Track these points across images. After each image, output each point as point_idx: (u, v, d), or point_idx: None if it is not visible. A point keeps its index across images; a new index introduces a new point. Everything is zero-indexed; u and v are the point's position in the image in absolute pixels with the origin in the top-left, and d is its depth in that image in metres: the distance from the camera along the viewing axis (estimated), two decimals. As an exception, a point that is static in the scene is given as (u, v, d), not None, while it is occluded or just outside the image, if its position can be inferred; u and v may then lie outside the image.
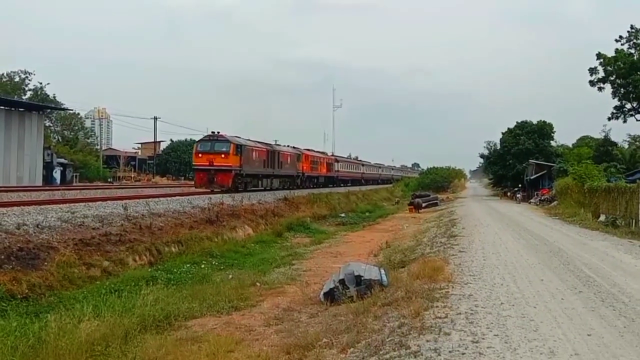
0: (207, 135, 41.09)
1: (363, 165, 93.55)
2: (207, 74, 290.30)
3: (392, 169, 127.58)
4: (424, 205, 50.99)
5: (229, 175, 38.07)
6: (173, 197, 29.22)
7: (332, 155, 76.78)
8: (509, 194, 63.89)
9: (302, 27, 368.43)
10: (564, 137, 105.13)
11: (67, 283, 14.02)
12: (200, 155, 39.14)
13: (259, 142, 46.01)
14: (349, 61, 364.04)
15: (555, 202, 42.11)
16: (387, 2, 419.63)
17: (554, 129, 63.59)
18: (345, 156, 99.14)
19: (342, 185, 71.14)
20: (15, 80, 68.92)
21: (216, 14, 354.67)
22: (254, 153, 42.69)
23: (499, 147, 68.73)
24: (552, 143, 63.53)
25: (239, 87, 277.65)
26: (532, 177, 56.11)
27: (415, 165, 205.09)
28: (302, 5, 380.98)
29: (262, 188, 44.21)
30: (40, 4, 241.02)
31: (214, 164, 37.86)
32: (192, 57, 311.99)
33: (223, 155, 37.99)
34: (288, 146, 55.64)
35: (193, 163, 41.45)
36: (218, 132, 40.27)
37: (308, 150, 61.34)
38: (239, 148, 39.43)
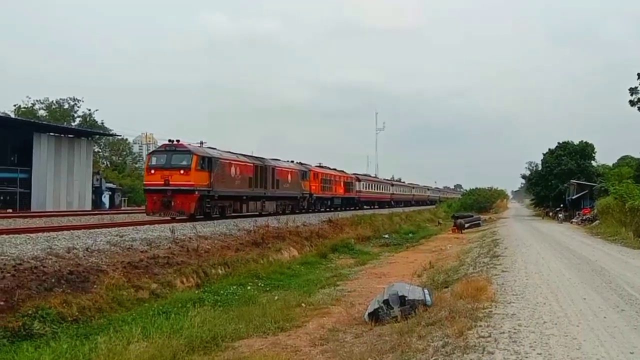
0: (163, 144, 32.27)
1: (392, 185, 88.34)
2: (248, 97, 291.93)
3: (428, 190, 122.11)
4: (466, 225, 50.66)
5: (191, 198, 28.99)
6: (219, 220, 29.49)
7: (353, 173, 66.72)
8: (550, 214, 63.23)
9: (342, 51, 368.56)
10: (604, 156, 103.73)
11: (116, 305, 14.30)
12: (152, 171, 29.52)
13: (242, 154, 37.06)
14: (389, 84, 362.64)
15: (596, 222, 41.52)
16: (426, 26, 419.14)
17: (595, 150, 63.11)
18: (388, 178, 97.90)
19: (365, 207, 64.69)
20: (65, 107, 70.68)
21: (256, 39, 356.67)
22: (232, 169, 33.48)
23: (540, 167, 68.14)
24: (593, 163, 62.90)
25: (279, 110, 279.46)
26: (573, 197, 55.41)
27: (458, 186, 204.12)
28: (341, 29, 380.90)
29: (255, 213, 36.17)
30: (85, 33, 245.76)
31: (170, 183, 28.59)
32: (233, 81, 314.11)
33: (182, 172, 28.78)
34: (292, 162, 47.20)
35: (144, 182, 32.17)
36: (177, 141, 30.23)
37: (319, 166, 54.35)
38: (206, 161, 30.07)
